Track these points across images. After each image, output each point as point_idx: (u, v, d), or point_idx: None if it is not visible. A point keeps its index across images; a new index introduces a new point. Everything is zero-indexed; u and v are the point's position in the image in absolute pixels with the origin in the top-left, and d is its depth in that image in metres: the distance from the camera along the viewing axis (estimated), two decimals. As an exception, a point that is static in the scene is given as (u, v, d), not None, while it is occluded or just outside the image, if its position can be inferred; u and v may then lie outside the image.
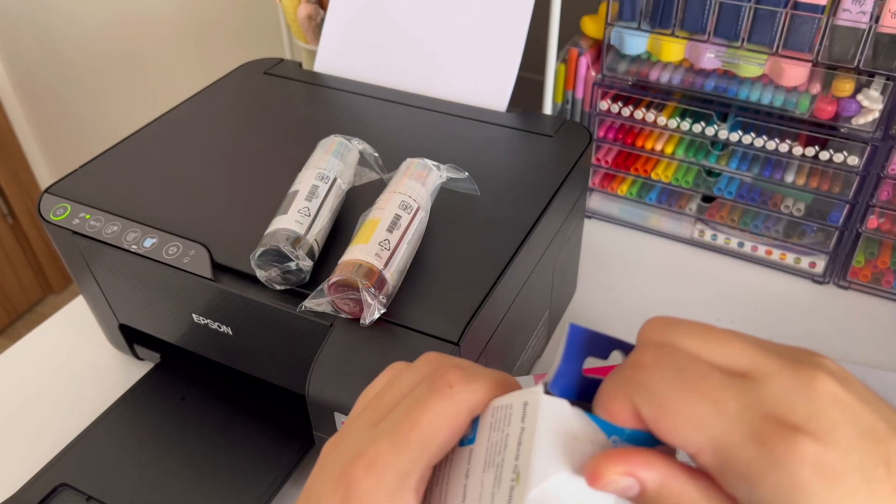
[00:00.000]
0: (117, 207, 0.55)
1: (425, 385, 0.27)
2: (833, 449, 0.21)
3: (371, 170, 0.54)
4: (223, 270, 0.50)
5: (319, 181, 0.50)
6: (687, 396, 0.22)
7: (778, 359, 0.23)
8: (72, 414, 0.62)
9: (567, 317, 0.70)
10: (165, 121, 0.66)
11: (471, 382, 0.26)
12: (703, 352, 0.23)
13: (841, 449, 0.21)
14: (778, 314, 0.70)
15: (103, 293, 0.59)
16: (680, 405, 0.22)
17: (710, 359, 0.23)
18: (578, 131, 0.62)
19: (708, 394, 0.22)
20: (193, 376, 0.61)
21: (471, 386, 0.26)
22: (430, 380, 0.27)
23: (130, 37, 1.36)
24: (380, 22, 0.71)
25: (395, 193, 0.48)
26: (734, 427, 0.21)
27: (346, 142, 0.54)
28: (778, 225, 0.73)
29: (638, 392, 0.23)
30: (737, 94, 0.67)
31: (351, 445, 0.27)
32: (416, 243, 0.48)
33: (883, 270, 0.70)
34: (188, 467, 0.54)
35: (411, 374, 0.28)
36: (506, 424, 0.25)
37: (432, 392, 0.26)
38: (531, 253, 0.52)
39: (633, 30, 0.68)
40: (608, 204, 0.81)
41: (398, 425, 0.26)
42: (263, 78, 0.72)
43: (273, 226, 0.48)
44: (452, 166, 0.52)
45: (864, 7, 0.58)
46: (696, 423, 0.22)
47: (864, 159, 0.64)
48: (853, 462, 0.21)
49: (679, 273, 0.75)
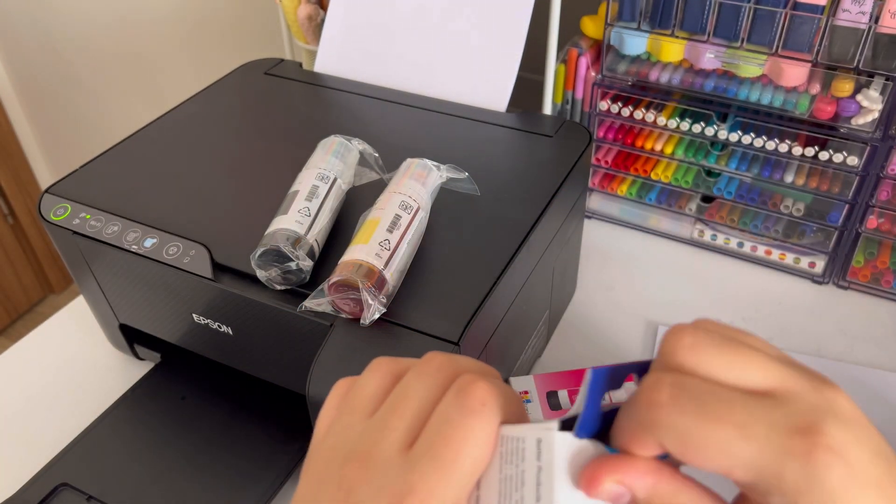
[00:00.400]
0: (118, 207, 0.55)
1: (455, 403, 0.25)
2: (856, 462, 0.21)
3: (371, 170, 0.55)
4: (223, 270, 0.50)
5: (320, 181, 0.50)
6: (712, 427, 0.22)
7: (800, 375, 0.23)
8: (72, 414, 0.62)
9: (567, 317, 0.70)
10: (165, 121, 0.66)
11: (499, 396, 0.26)
12: (723, 374, 0.23)
13: (863, 463, 0.22)
14: (778, 314, 0.70)
15: (103, 293, 0.59)
16: (704, 437, 0.22)
17: (731, 381, 0.23)
18: (578, 131, 0.62)
19: (732, 420, 0.22)
20: (193, 376, 0.61)
21: (500, 401, 0.26)
22: (459, 396, 0.25)
23: (131, 37, 1.36)
24: (380, 22, 0.71)
25: (396, 193, 0.48)
26: (763, 448, 0.22)
27: (347, 142, 0.54)
28: (777, 225, 0.73)
29: (660, 431, 0.23)
30: (736, 95, 0.67)
31: (379, 470, 0.25)
32: (416, 243, 0.48)
33: (882, 270, 0.70)
34: (188, 467, 0.54)
35: (424, 380, 0.27)
36: (520, 459, 0.25)
37: (467, 413, 0.25)
38: (531, 253, 0.52)
39: (633, 30, 0.68)
40: (608, 204, 0.81)
41: (440, 453, 0.24)
42: (263, 78, 0.72)
43: (273, 226, 0.48)
44: (452, 166, 0.52)
45: (863, 7, 0.58)
46: (725, 452, 0.22)
47: (864, 159, 0.64)
48: (872, 477, 0.22)
49: (679, 273, 0.75)
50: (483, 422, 0.25)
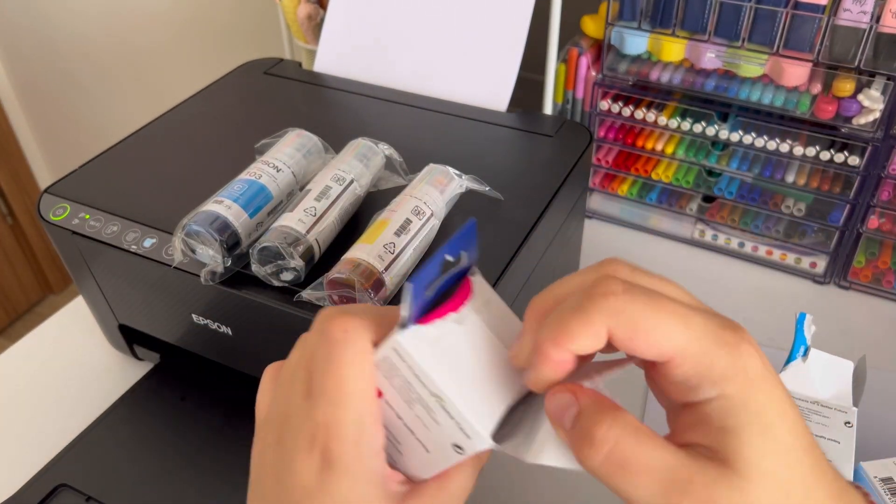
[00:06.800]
0: (117, 207, 0.55)
1: (321, 340, 0.28)
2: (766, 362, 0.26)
3: (395, 174, 0.54)
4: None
5: (334, 182, 0.50)
6: (660, 316, 0.25)
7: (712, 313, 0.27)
8: (72, 414, 0.61)
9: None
10: (165, 121, 0.66)
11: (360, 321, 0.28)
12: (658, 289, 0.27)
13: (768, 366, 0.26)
14: (778, 314, 0.70)
15: (103, 293, 0.59)
16: (653, 323, 0.25)
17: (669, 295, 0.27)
18: (579, 131, 0.62)
19: (677, 312, 0.25)
20: (193, 376, 0.61)
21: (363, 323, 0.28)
22: (323, 334, 0.28)
23: (130, 37, 1.36)
24: (379, 22, 0.71)
25: (410, 197, 0.48)
26: (700, 336, 0.25)
27: (373, 145, 0.54)
28: (778, 225, 0.73)
29: (613, 317, 0.25)
30: (737, 94, 0.67)
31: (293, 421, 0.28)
32: (423, 250, 0.48)
33: (884, 270, 0.70)
34: (188, 467, 0.54)
35: (312, 334, 0.30)
36: (396, 369, 0.28)
37: (332, 344, 0.28)
38: (531, 253, 0.52)
39: (634, 30, 0.68)
40: (608, 204, 0.81)
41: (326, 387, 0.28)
42: (263, 78, 0.72)
43: (277, 222, 0.48)
44: (474, 177, 0.52)
45: (864, 7, 0.58)
46: (668, 336, 0.25)
47: (865, 159, 0.64)
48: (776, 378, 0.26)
49: (679, 273, 0.75)
50: (349, 346, 0.28)
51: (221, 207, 0.48)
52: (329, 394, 0.27)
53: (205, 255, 0.49)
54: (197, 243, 0.48)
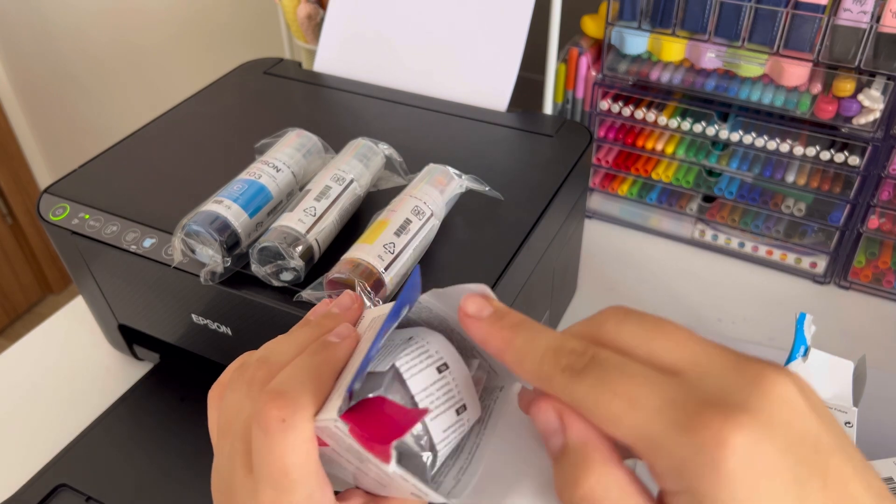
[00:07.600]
0: (117, 207, 0.55)
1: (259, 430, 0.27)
2: (769, 443, 0.20)
3: (395, 174, 0.54)
4: (223, 270, 0.50)
5: (334, 182, 0.50)
6: (602, 399, 0.22)
7: (725, 358, 0.23)
8: (72, 414, 0.61)
9: (567, 317, 0.70)
10: (165, 120, 0.66)
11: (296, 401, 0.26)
12: (638, 348, 0.24)
13: (777, 445, 0.20)
14: (778, 314, 0.70)
15: (102, 293, 0.59)
16: (596, 407, 0.22)
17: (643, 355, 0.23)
18: (579, 131, 0.62)
19: (626, 393, 0.22)
20: (193, 377, 0.61)
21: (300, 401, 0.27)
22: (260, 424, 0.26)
23: (130, 37, 1.35)
24: (379, 22, 0.71)
25: (410, 197, 0.48)
26: (652, 419, 0.21)
27: (373, 145, 0.54)
28: (779, 225, 0.73)
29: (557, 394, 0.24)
30: (737, 94, 0.67)
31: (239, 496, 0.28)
32: (422, 250, 0.48)
33: (884, 270, 0.70)
34: (188, 467, 0.54)
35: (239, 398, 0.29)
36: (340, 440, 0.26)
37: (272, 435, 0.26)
38: (531, 253, 0.52)
39: (634, 29, 0.68)
40: (608, 204, 0.81)
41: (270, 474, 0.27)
42: (263, 78, 0.72)
43: (277, 222, 0.48)
44: (474, 177, 0.52)
45: (864, 7, 0.58)
46: (613, 421, 0.22)
47: (865, 159, 0.64)
48: (787, 462, 0.20)
49: (679, 273, 0.75)
50: (289, 435, 0.26)
51: (221, 207, 0.48)
52: (273, 479, 0.26)
53: (204, 255, 0.49)
54: (196, 243, 0.48)
